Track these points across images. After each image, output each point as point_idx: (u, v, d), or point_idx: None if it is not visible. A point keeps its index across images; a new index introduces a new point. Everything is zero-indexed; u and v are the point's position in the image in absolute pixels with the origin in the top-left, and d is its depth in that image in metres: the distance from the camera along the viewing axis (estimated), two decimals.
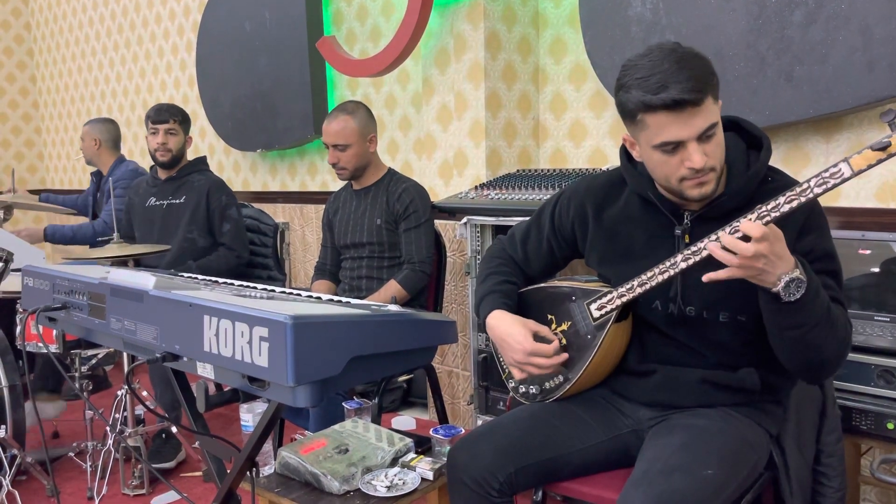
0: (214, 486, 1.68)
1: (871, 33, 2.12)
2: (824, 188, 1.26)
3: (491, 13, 2.92)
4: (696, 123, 1.32)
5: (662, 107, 1.31)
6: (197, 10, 4.72)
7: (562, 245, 1.71)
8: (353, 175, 2.67)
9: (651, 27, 2.59)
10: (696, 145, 1.34)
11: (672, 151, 1.36)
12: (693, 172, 1.36)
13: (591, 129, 2.99)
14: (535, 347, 1.55)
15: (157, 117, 3.04)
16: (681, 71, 1.31)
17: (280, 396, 1.23)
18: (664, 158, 1.38)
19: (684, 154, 1.35)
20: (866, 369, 1.84)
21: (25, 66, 6.51)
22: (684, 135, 1.33)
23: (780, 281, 1.26)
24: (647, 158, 1.44)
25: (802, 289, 1.27)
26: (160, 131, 3.02)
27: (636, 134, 1.42)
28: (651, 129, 1.36)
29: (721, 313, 1.48)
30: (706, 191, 1.39)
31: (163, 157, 3.05)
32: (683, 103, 1.30)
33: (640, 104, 1.34)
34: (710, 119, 1.34)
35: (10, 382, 2.63)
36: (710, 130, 1.34)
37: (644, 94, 1.33)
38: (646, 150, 1.42)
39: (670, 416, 1.56)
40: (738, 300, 1.45)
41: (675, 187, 1.41)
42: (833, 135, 2.36)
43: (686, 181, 1.39)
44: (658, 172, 1.43)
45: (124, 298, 1.49)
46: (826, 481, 1.59)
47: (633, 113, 1.37)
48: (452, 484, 1.56)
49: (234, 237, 3.07)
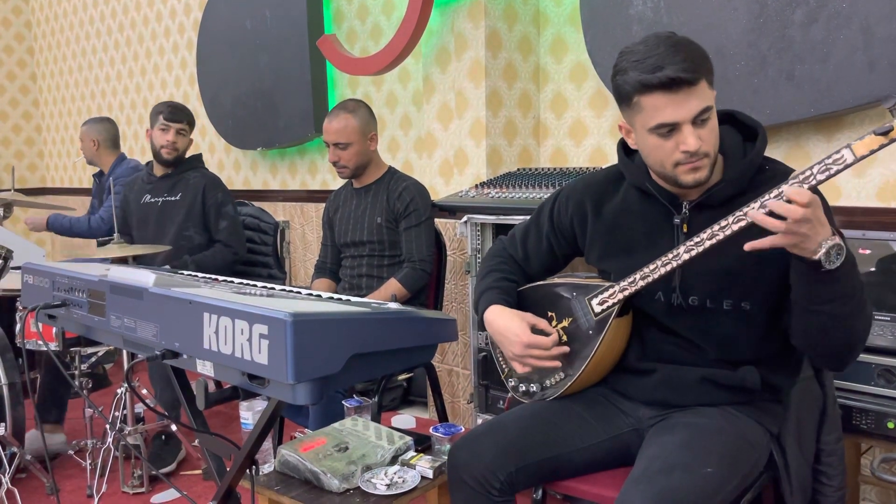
0: (214, 483, 1.67)
1: (873, 33, 2.12)
2: (827, 174, 1.25)
3: (492, 12, 2.92)
4: (691, 105, 1.34)
5: (659, 86, 1.33)
6: (198, 8, 4.71)
7: (561, 243, 1.71)
8: (354, 173, 2.66)
9: (652, 26, 2.59)
10: (690, 128, 1.35)
11: (667, 135, 1.37)
12: (687, 156, 1.37)
13: (592, 129, 2.99)
14: (532, 340, 1.55)
15: (172, 116, 3.02)
16: (676, 53, 1.33)
17: (280, 394, 1.23)
18: (659, 142, 1.39)
19: (679, 137, 1.37)
20: (867, 368, 1.83)
21: (26, 64, 6.51)
22: (679, 116, 1.35)
23: (821, 247, 1.24)
24: (642, 144, 1.45)
25: (842, 256, 1.25)
26: (172, 130, 3.01)
27: (632, 119, 1.43)
28: (647, 111, 1.37)
29: (725, 301, 1.48)
30: (700, 176, 1.40)
31: (169, 155, 3.04)
32: (679, 82, 1.32)
33: (637, 84, 1.36)
34: (704, 101, 1.35)
35: (10, 380, 2.63)
36: (704, 114, 1.36)
37: (640, 74, 1.35)
38: (641, 135, 1.43)
39: (670, 415, 1.55)
40: (741, 287, 1.45)
41: (670, 173, 1.42)
42: (834, 134, 2.36)
43: (680, 166, 1.39)
44: (653, 157, 1.44)
45: (124, 296, 1.49)
46: (826, 480, 1.59)
47: (630, 95, 1.39)
48: (453, 482, 1.56)
49: (231, 234, 3.06)
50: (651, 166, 1.48)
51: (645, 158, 1.48)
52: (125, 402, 2.62)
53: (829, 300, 1.31)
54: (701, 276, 1.45)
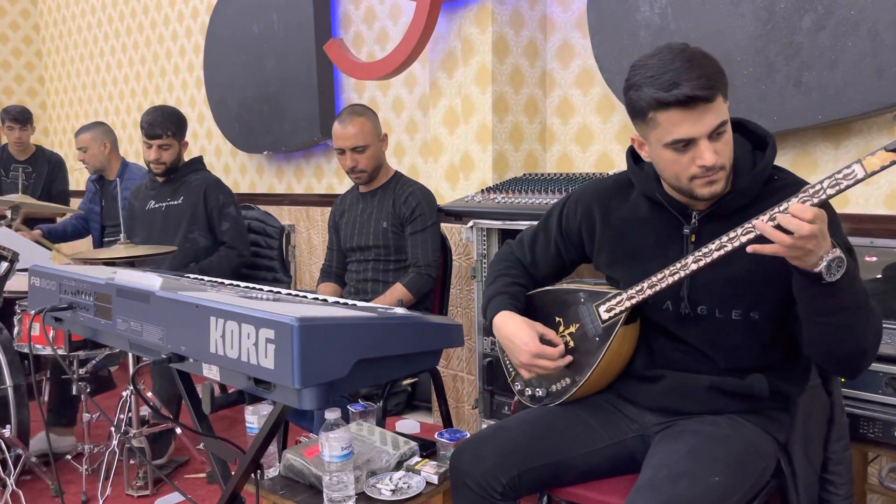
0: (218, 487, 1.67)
1: (881, 39, 2.12)
2: (837, 189, 1.26)
3: (498, 17, 2.92)
4: (708, 121, 1.33)
5: (675, 103, 1.32)
6: (205, 13, 4.73)
7: (569, 248, 1.71)
8: (371, 176, 2.66)
9: (659, 32, 2.59)
10: (707, 143, 1.35)
11: (683, 149, 1.37)
12: (704, 171, 1.37)
13: (598, 134, 2.98)
14: (540, 349, 1.55)
15: (150, 132, 3.01)
16: (692, 69, 1.32)
17: (286, 398, 1.23)
18: (675, 157, 1.38)
19: (695, 152, 1.36)
20: (874, 377, 1.82)
21: (34, 67, 6.54)
22: (696, 132, 1.34)
23: (822, 261, 1.24)
24: (656, 158, 1.44)
25: (843, 268, 1.26)
26: (153, 147, 3.03)
27: (646, 133, 1.42)
28: (662, 126, 1.36)
29: (734, 311, 1.47)
30: (716, 189, 1.40)
31: (157, 168, 3.08)
32: (696, 100, 1.31)
33: (653, 101, 1.35)
34: (720, 116, 1.35)
35: (15, 382, 2.64)
36: (720, 128, 1.35)
37: (656, 92, 1.33)
38: (656, 149, 1.42)
39: (677, 422, 1.55)
40: (750, 297, 1.45)
41: (685, 186, 1.42)
42: (842, 141, 2.35)
43: (696, 180, 1.39)
44: (668, 171, 1.43)
45: (131, 299, 1.49)
46: (833, 489, 1.58)
47: (644, 111, 1.38)
48: (456, 487, 1.56)
49: (235, 236, 3.07)
50: (666, 180, 1.47)
51: (660, 172, 1.47)
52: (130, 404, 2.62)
53: (834, 311, 1.31)
54: (710, 285, 1.45)
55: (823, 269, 1.25)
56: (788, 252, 1.25)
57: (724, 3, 2.43)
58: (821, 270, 1.25)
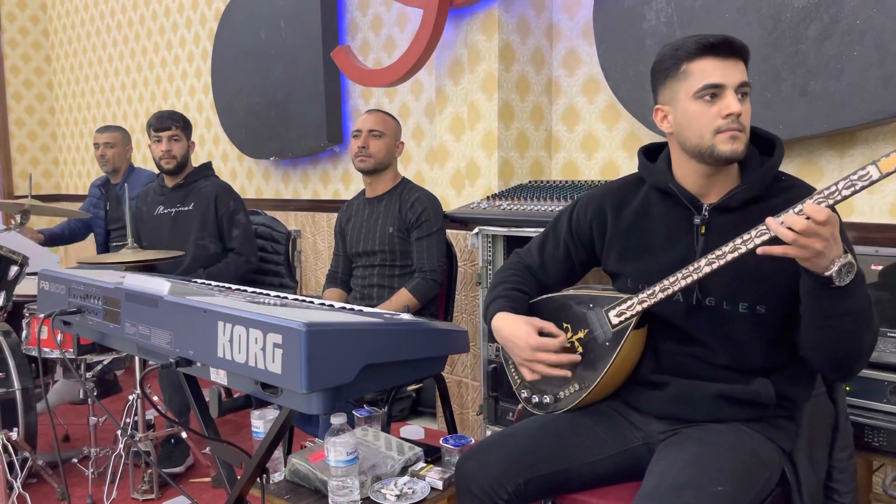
0: (224, 491, 1.68)
1: (887, 49, 2.12)
2: (852, 190, 1.26)
3: (505, 25, 2.94)
4: (737, 73, 1.44)
5: (712, 48, 1.43)
6: (213, 19, 4.76)
7: (579, 248, 1.71)
8: (375, 168, 2.67)
9: (665, 40, 2.60)
10: (734, 94, 1.43)
11: (711, 100, 1.44)
12: (729, 122, 1.42)
13: (604, 142, 2.99)
14: (539, 342, 1.55)
15: (160, 125, 3.02)
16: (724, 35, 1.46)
17: (293, 403, 1.24)
18: (703, 108, 1.44)
19: (722, 103, 1.43)
20: (879, 386, 1.82)
21: (43, 72, 6.59)
22: (727, 79, 1.43)
23: (833, 265, 1.26)
24: (682, 116, 1.48)
25: (853, 273, 1.28)
26: (164, 139, 3.02)
27: (675, 92, 1.48)
28: (694, 76, 1.44)
29: (741, 303, 1.49)
30: (737, 147, 1.44)
31: (168, 164, 3.04)
32: (732, 48, 1.44)
33: (695, 46, 1.44)
34: (746, 77, 1.45)
35: (23, 385, 2.65)
36: (745, 87, 1.45)
37: (700, 38, 1.45)
38: (684, 105, 1.47)
39: (681, 430, 1.55)
40: (756, 290, 1.47)
41: (708, 144, 1.45)
42: (847, 150, 2.35)
43: (720, 134, 1.44)
44: (694, 126, 1.46)
45: (139, 304, 1.50)
46: (838, 497, 1.57)
47: (678, 65, 1.47)
48: (461, 493, 1.56)
49: (244, 242, 3.07)
50: (689, 140, 1.49)
51: (683, 132, 1.50)
52: (136, 408, 2.63)
53: (840, 315, 1.32)
54: (718, 277, 1.45)
55: (834, 273, 1.26)
56: (797, 252, 1.26)
57: (730, 11, 2.44)
58: (832, 274, 1.26)
